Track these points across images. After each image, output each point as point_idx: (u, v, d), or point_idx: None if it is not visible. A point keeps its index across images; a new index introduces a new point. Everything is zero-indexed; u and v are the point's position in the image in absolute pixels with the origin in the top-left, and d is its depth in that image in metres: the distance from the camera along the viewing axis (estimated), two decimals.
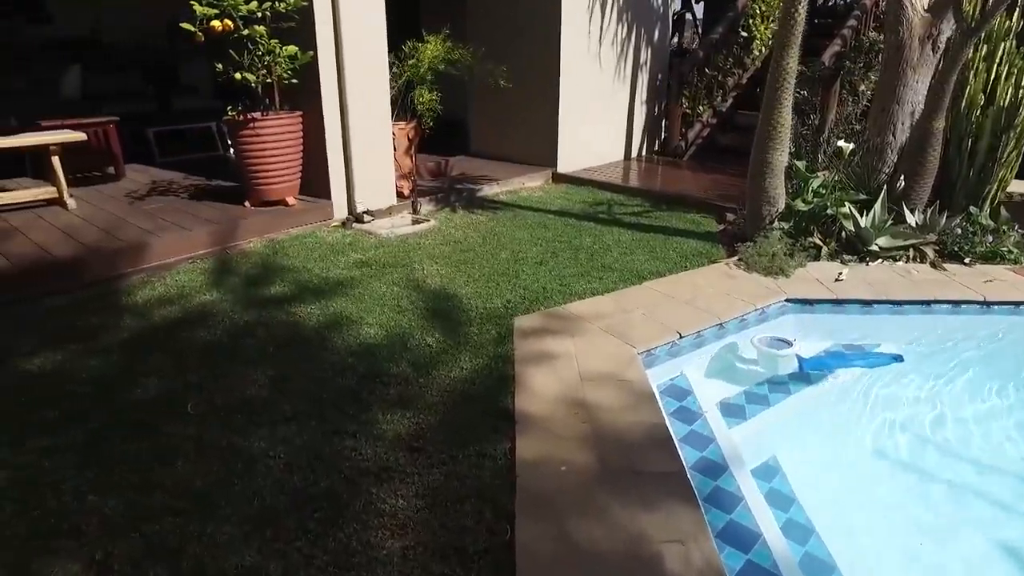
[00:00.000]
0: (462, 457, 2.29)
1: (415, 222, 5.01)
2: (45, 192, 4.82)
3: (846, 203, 4.34)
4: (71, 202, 4.84)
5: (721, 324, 3.39)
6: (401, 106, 5.41)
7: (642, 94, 7.62)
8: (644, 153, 7.95)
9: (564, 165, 6.81)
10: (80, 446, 2.37)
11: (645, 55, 7.46)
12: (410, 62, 5.36)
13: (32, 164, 5.87)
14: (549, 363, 2.92)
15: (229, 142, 7.31)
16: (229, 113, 4.55)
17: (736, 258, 4.24)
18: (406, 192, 5.48)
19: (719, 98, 7.92)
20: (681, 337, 3.23)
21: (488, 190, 6.04)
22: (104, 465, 2.26)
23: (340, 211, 4.95)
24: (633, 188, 6.28)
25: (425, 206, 5.40)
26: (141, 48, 8.92)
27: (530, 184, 6.48)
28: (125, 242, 4.00)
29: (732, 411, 3.02)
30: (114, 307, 3.51)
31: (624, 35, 7.13)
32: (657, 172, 7.25)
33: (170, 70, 9.06)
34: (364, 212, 4.95)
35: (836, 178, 4.64)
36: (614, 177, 6.70)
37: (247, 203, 4.76)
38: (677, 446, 2.41)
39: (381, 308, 3.47)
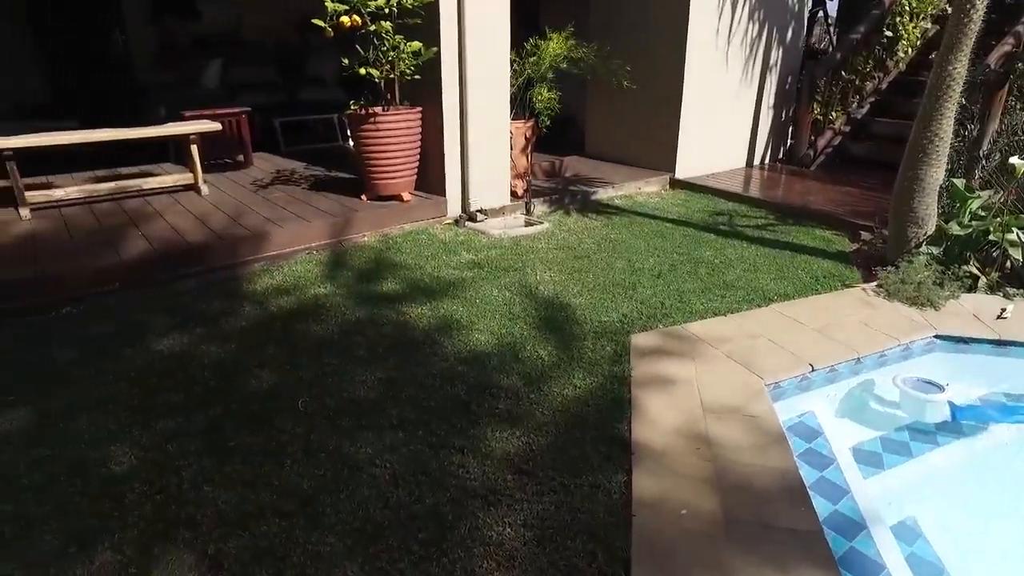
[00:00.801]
0: (574, 487, 2.15)
1: (528, 224, 4.91)
2: (183, 178, 5.09)
3: (1014, 229, 3.84)
4: (204, 188, 5.08)
5: (858, 358, 3.06)
6: (519, 104, 5.32)
7: (769, 97, 7.17)
8: (767, 161, 7.49)
9: (683, 170, 6.51)
10: (200, 433, 2.41)
11: (775, 56, 7.00)
12: (531, 59, 5.26)
13: (174, 151, 6.25)
14: (668, 389, 2.72)
15: (348, 134, 7.53)
16: (351, 107, 4.61)
17: (875, 284, 3.85)
18: (520, 192, 5.39)
19: (855, 104, 7.33)
20: (813, 370, 2.94)
21: (603, 193, 5.85)
22: (220, 456, 2.29)
23: (454, 209, 4.92)
24: (756, 198, 5.90)
25: (538, 207, 5.29)
26: (274, 42, 9.36)
27: (647, 189, 6.24)
28: (249, 230, 4.13)
29: (867, 459, 2.71)
30: (236, 294, 3.62)
31: (755, 34, 6.72)
32: (782, 182, 6.79)
33: (299, 63, 9.43)
34: (477, 211, 4.90)
35: (1001, 199, 4.12)
36: (735, 185, 6.32)
37: (363, 196, 4.82)
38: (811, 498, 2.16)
39: (492, 314, 3.38)
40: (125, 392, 2.68)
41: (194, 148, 4.98)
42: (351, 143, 7.45)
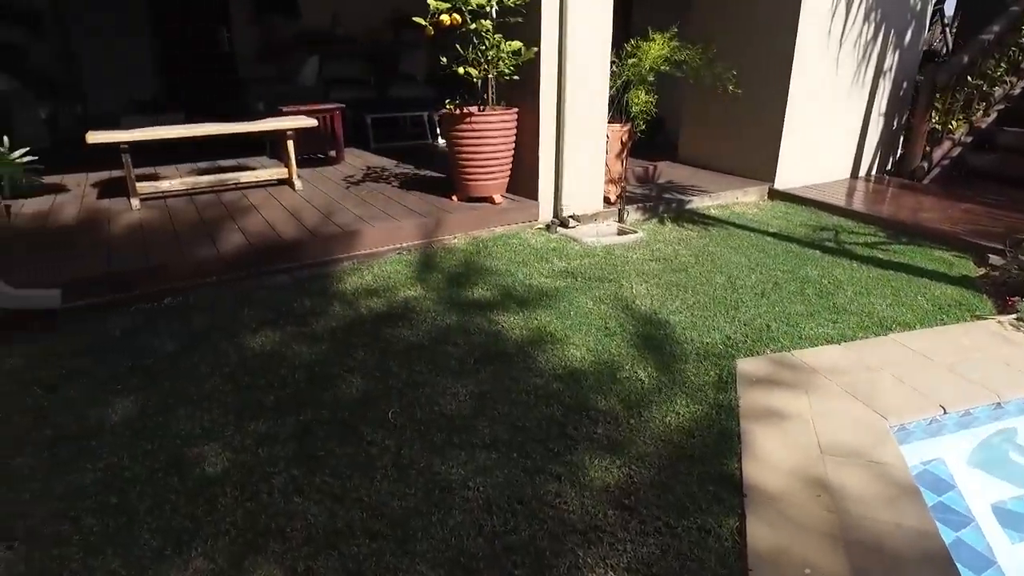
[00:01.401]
0: (681, 529, 1.98)
1: (621, 232, 4.72)
2: (278, 173, 5.17)
3: None
4: (298, 183, 5.14)
5: (999, 403, 2.74)
6: (615, 107, 5.14)
7: (881, 104, 6.69)
8: (874, 172, 7.01)
9: (783, 180, 6.15)
10: (290, 439, 2.38)
11: (891, 59, 6.52)
12: (630, 61, 5.06)
13: (270, 145, 6.39)
14: (781, 424, 2.50)
15: (439, 132, 7.52)
16: (447, 106, 4.55)
17: (1013, 316, 3.47)
18: (612, 198, 5.21)
19: (980, 111, 6.75)
20: (944, 413, 2.65)
21: (698, 202, 5.59)
22: (310, 465, 2.24)
23: (545, 213, 4.80)
24: (864, 213, 5.50)
25: (631, 215, 5.09)
26: (367, 39, 9.50)
27: (744, 199, 5.93)
28: (340, 228, 4.13)
29: (1013, 521, 2.41)
30: (326, 292, 3.61)
31: (870, 35, 6.26)
32: (893, 196, 6.33)
33: (391, 60, 9.54)
34: (570, 216, 4.75)
35: None
36: (840, 198, 5.92)
37: (454, 197, 4.76)
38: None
39: (587, 328, 3.23)
40: (220, 389, 2.68)
41: (290, 144, 5.04)
42: (440, 141, 7.47)
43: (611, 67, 4.94)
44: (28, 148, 4.95)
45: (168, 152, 5.94)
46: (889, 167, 7.07)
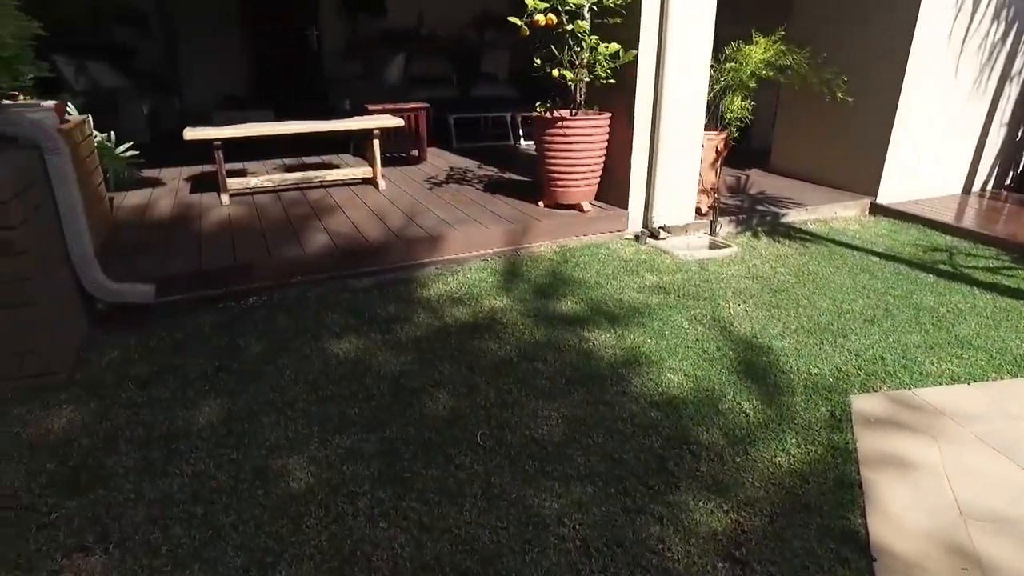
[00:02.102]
0: None
1: (713, 246, 4.47)
2: (363, 172, 5.16)
3: None
4: (382, 183, 5.12)
5: None
6: (711, 114, 4.88)
7: (1004, 112, 6.14)
8: (990, 187, 6.46)
9: (887, 194, 5.73)
10: (375, 456, 2.29)
11: (1020, 63, 5.97)
12: (729, 65, 4.80)
13: (354, 144, 6.42)
14: (908, 476, 2.24)
15: (521, 133, 7.41)
16: (536, 109, 4.41)
17: None
18: (704, 209, 4.96)
19: None
20: None
21: (794, 216, 5.26)
22: (396, 488, 2.14)
23: (635, 223, 4.60)
24: (982, 233, 5.04)
25: (723, 227, 4.83)
26: (452, 38, 9.49)
27: (843, 213, 5.55)
28: (425, 231, 4.05)
29: None
30: (410, 299, 3.54)
31: (997, 37, 5.75)
32: (1013, 214, 5.80)
33: (474, 59, 9.50)
34: (660, 227, 4.54)
35: None
36: (953, 216, 5.46)
37: (540, 202, 4.62)
38: None
39: (684, 350, 3.03)
40: (303, 397, 2.62)
41: (376, 143, 5.02)
42: (523, 143, 7.36)
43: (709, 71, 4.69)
44: (131, 143, 5.12)
45: (255, 148, 6.04)
46: (1008, 182, 6.51)
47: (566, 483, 2.17)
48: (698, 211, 4.91)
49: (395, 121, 5.08)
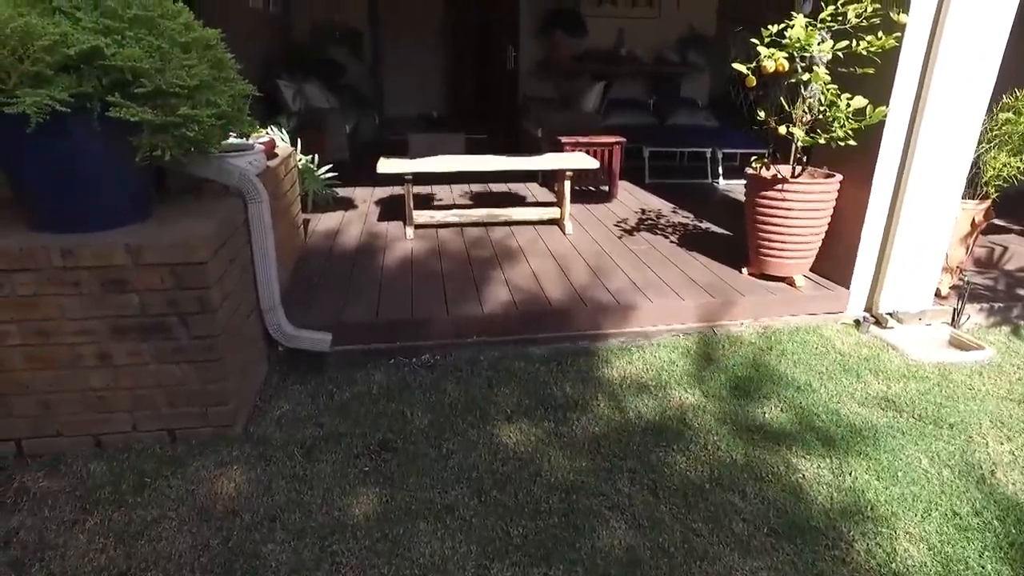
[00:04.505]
0: None
1: (958, 344, 3.66)
2: (550, 212, 4.91)
3: None
4: (568, 225, 4.83)
5: None
6: (968, 178, 4.01)
7: None
8: None
9: None
10: None
11: None
12: (1002, 117, 3.92)
13: (543, 173, 6.22)
14: None
15: (721, 171, 6.79)
16: (753, 167, 3.87)
17: None
18: (943, 291, 4.11)
19: None
20: None
21: None
22: None
23: (856, 305, 3.89)
24: None
25: (971, 318, 3.95)
26: (651, 63, 9.03)
27: None
28: (611, 294, 3.69)
29: None
30: (590, 378, 3.19)
31: None
32: None
33: (673, 82, 8.98)
34: (888, 313, 3.80)
35: None
36: None
37: (744, 269, 4.06)
38: None
39: (925, 506, 2.39)
40: (465, 501, 2.37)
41: (567, 184, 4.74)
42: (722, 182, 6.74)
43: None
44: (332, 164, 5.28)
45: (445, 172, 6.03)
46: None
47: None
48: (936, 293, 4.07)
49: (589, 163, 4.77)
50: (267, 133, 3.94)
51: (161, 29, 2.25)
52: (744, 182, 3.96)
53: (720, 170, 6.71)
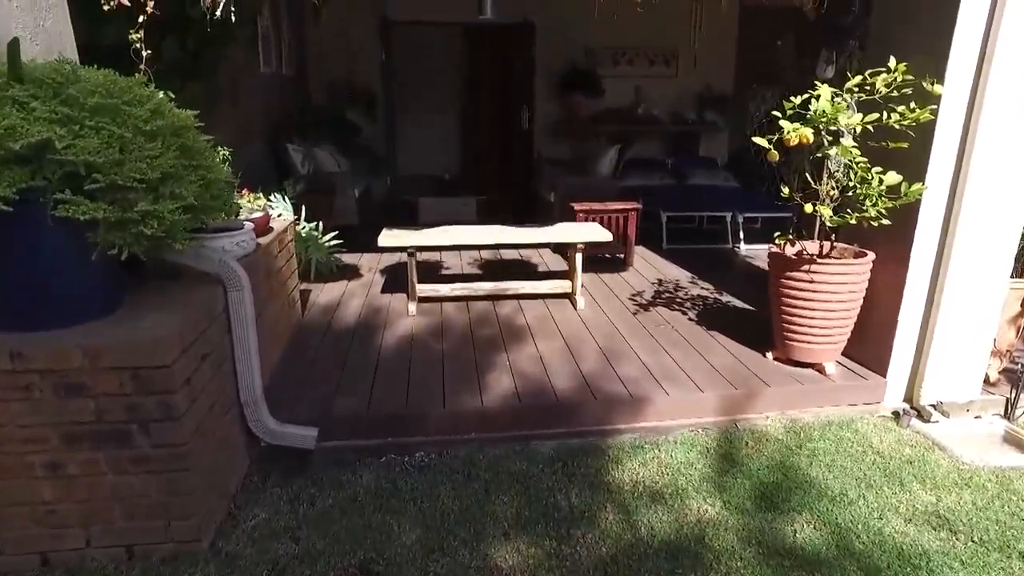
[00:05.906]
0: None
1: (1014, 442, 3.28)
2: (561, 286, 4.66)
3: None
4: (580, 301, 4.57)
5: None
6: (1016, 254, 3.69)
7: None
8: None
9: None
10: None
11: None
12: None
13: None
14: None
15: (742, 236, 6.52)
16: (776, 243, 3.59)
17: None
18: (991, 376, 3.75)
19: None
20: None
21: None
22: None
23: (894, 395, 3.54)
24: None
25: None
26: (667, 124, 8.90)
27: None
28: (623, 385, 3.39)
29: None
30: (598, 483, 2.87)
31: None
32: None
33: (692, 141, 8.83)
34: (931, 404, 3.45)
35: None
36: None
37: (769, 354, 3.74)
38: None
39: None
40: None
41: (578, 256, 4.49)
42: (742, 247, 6.45)
43: None
44: (337, 231, 5.10)
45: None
46: None
47: None
48: (984, 379, 3.71)
49: (602, 235, 4.53)
50: (262, 208, 3.76)
51: (124, 117, 2.07)
52: (767, 247, 3.70)
53: (741, 234, 6.43)
